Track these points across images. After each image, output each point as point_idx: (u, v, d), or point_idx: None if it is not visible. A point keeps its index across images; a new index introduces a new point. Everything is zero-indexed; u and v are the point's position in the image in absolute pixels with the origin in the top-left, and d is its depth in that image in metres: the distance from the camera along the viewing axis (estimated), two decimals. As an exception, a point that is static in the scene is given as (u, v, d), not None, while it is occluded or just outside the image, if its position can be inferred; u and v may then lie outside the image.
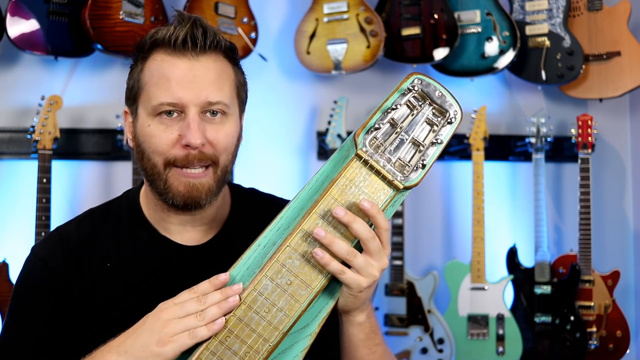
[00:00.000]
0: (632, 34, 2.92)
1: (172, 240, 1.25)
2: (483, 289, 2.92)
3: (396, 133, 1.04)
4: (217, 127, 1.17)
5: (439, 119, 1.04)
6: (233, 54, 1.22)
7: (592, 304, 2.90)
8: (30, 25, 2.51)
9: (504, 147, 3.17)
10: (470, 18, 2.93)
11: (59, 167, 2.72)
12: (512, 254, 2.98)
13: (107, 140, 2.85)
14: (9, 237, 2.71)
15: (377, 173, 1.03)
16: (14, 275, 2.54)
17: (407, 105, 1.04)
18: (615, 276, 2.93)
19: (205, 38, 1.15)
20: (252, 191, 1.39)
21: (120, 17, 2.61)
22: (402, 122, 1.04)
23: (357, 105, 3.09)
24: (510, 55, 2.89)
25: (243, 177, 2.69)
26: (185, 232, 1.26)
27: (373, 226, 1.04)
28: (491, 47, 2.91)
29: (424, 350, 2.89)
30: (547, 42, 2.94)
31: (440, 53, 2.88)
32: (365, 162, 1.03)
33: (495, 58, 2.91)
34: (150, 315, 1.05)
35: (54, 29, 2.55)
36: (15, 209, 2.74)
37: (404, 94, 1.04)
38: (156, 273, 1.23)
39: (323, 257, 1.01)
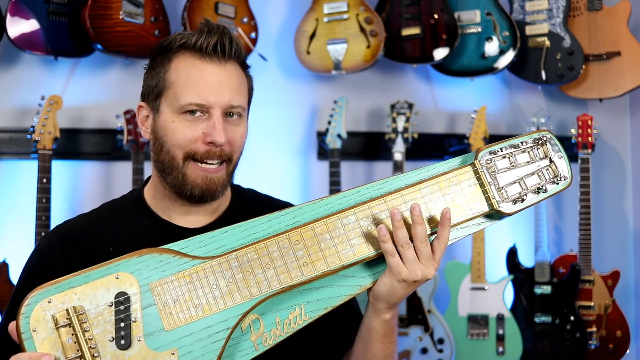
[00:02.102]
0: (632, 34, 2.92)
1: (173, 223, 1.33)
2: (483, 289, 2.92)
3: (510, 168, 1.17)
4: (235, 128, 1.28)
5: (550, 176, 1.18)
6: (245, 61, 1.34)
7: (592, 304, 2.90)
8: (30, 25, 2.51)
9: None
10: (470, 18, 2.93)
11: (59, 167, 2.72)
12: (512, 254, 2.98)
13: (107, 140, 2.85)
14: (9, 237, 2.71)
15: (482, 186, 1.16)
16: (14, 275, 2.54)
17: (529, 153, 1.18)
18: (615, 276, 2.93)
19: (231, 47, 1.27)
20: (251, 191, 1.47)
21: (120, 17, 2.61)
22: (519, 163, 1.18)
23: (357, 105, 3.09)
24: (510, 55, 2.89)
25: (243, 177, 2.68)
26: (187, 219, 1.34)
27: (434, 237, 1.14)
28: (491, 47, 2.91)
29: (424, 350, 2.89)
30: (547, 42, 2.94)
31: (440, 53, 2.88)
32: (476, 172, 1.16)
33: (495, 58, 2.91)
34: None
35: (54, 29, 2.55)
36: (15, 209, 2.74)
37: (534, 141, 1.19)
38: None
39: (385, 235, 1.11)
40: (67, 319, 1.01)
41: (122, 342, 1.01)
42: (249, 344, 1.08)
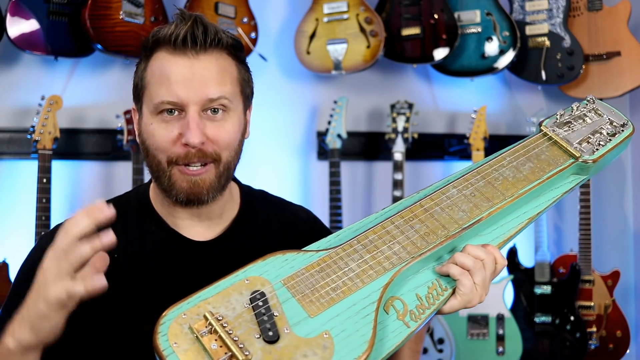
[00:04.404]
0: (632, 34, 2.92)
1: (180, 234, 1.26)
2: (483, 289, 2.91)
3: (575, 131, 1.25)
4: (219, 125, 1.18)
5: (611, 128, 1.27)
6: (236, 51, 1.22)
7: (592, 304, 2.91)
8: (30, 25, 2.51)
9: (504, 147, 3.17)
10: (470, 18, 2.93)
11: (59, 167, 2.72)
12: (512, 254, 2.98)
13: (107, 140, 2.85)
14: (9, 237, 2.71)
15: (558, 144, 1.23)
16: (14, 275, 2.54)
17: (584, 118, 1.28)
18: (615, 276, 2.93)
19: (206, 36, 1.16)
20: (262, 193, 1.40)
21: (120, 17, 2.61)
22: (580, 127, 1.26)
23: (357, 105, 3.09)
24: (510, 55, 2.89)
25: (243, 177, 2.68)
26: (193, 227, 1.26)
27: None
28: (491, 47, 2.91)
29: (424, 350, 2.89)
30: (547, 42, 2.94)
31: (440, 53, 2.88)
32: (548, 137, 1.24)
33: (495, 58, 2.91)
34: (40, 269, 1.01)
35: (54, 29, 2.55)
36: (15, 209, 2.74)
37: (585, 107, 1.29)
38: (163, 267, 1.23)
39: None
40: (207, 326, 0.98)
41: (270, 334, 0.97)
42: (398, 324, 1.05)
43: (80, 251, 0.95)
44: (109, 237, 0.96)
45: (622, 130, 1.26)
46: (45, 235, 1.29)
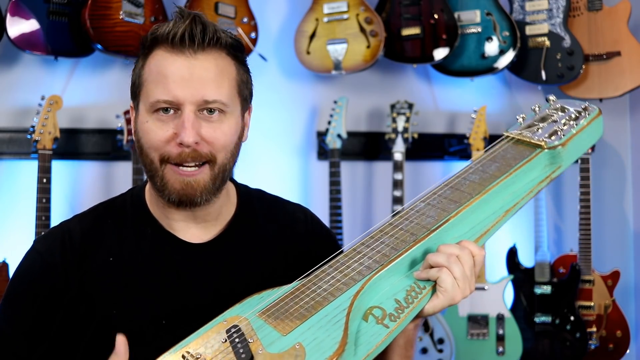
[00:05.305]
0: (632, 34, 2.92)
1: (176, 236, 1.25)
2: (483, 289, 2.92)
3: (539, 128, 1.26)
4: (215, 126, 1.16)
5: (575, 115, 1.27)
6: (236, 51, 1.20)
7: (592, 304, 2.91)
8: (30, 25, 2.51)
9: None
10: (470, 18, 2.93)
11: (59, 167, 2.72)
12: (512, 254, 2.98)
13: (107, 140, 2.84)
14: (9, 237, 2.71)
15: (523, 141, 1.24)
16: (14, 275, 2.54)
17: (547, 115, 1.30)
18: (615, 276, 2.93)
19: (204, 35, 1.14)
20: (259, 192, 1.39)
21: (120, 17, 2.61)
22: (543, 125, 1.27)
23: (357, 105, 3.09)
24: (510, 55, 2.89)
25: (243, 177, 2.68)
26: (189, 229, 1.25)
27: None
28: (491, 47, 2.91)
29: (424, 350, 2.89)
30: (547, 42, 2.94)
31: (440, 53, 2.88)
32: (512, 138, 1.26)
33: (495, 58, 2.91)
34: None
35: (54, 29, 2.55)
36: (15, 209, 2.74)
37: (546, 106, 1.31)
38: (159, 269, 1.22)
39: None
40: None
41: (244, 356, 1.00)
42: (377, 327, 1.06)
43: None
44: None
45: (588, 114, 1.26)
46: (41, 238, 1.27)
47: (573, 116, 1.26)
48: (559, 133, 1.23)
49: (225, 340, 1.03)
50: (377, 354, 1.02)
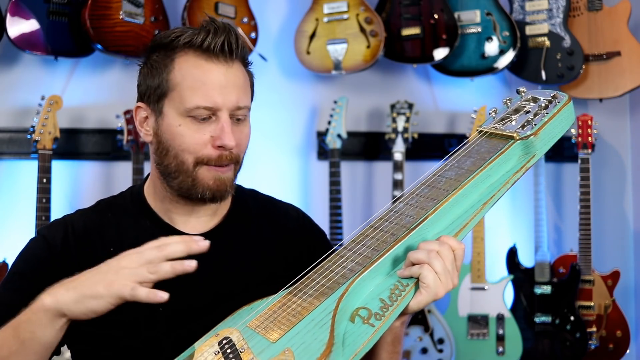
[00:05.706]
0: (632, 34, 2.92)
1: (174, 227, 1.31)
2: (483, 289, 2.92)
3: (510, 120, 1.28)
4: (241, 129, 1.26)
5: (545, 103, 1.27)
6: (247, 59, 1.31)
7: (592, 304, 2.90)
8: (30, 25, 2.51)
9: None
10: (470, 18, 2.93)
11: (59, 167, 2.72)
12: (512, 254, 2.98)
13: (107, 140, 2.85)
14: (9, 237, 2.71)
15: (495, 134, 1.26)
16: (14, 275, 2.54)
17: (518, 107, 1.30)
18: (615, 276, 2.93)
19: (238, 47, 1.24)
20: (253, 192, 1.45)
21: (120, 17, 2.61)
22: (515, 116, 1.29)
23: (357, 105, 3.09)
24: (510, 55, 2.89)
25: (243, 177, 2.68)
26: (188, 222, 1.31)
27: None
28: (491, 47, 2.91)
29: (424, 350, 2.89)
30: (547, 42, 2.94)
31: (440, 53, 2.88)
32: (484, 133, 1.27)
33: (495, 58, 2.91)
34: (113, 259, 1.08)
35: (54, 29, 2.55)
36: (15, 209, 2.74)
37: (517, 98, 1.32)
38: None
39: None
40: None
41: None
42: (364, 327, 1.08)
43: (162, 268, 1.03)
44: (191, 266, 1.04)
45: (558, 102, 1.27)
46: (45, 226, 1.35)
47: (543, 105, 1.27)
48: (530, 123, 1.24)
49: (218, 353, 1.07)
50: (365, 352, 1.04)
